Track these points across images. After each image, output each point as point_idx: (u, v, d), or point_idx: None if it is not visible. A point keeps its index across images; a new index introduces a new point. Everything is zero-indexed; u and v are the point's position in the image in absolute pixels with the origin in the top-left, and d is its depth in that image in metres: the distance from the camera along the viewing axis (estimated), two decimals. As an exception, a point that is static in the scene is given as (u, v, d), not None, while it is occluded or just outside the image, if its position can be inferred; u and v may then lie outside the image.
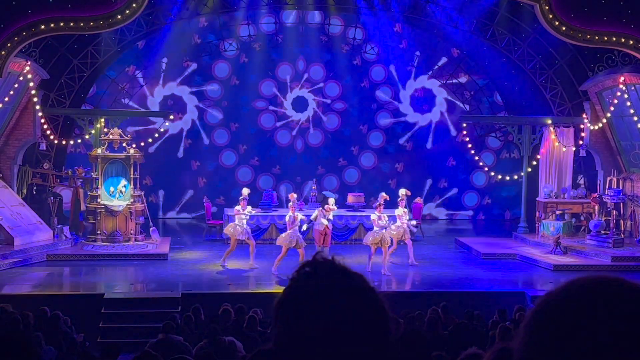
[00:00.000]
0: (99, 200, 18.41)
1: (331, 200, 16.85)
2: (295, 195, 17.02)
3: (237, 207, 16.74)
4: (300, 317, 1.56)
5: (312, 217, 16.50)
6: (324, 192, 20.57)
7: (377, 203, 16.62)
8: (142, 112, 23.02)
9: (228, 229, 16.75)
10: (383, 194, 17.01)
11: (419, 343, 5.23)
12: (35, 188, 19.79)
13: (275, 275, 15.56)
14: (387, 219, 16.43)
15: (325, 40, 23.92)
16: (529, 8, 18.70)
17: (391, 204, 17.31)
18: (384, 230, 16.22)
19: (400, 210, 16.90)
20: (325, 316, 1.54)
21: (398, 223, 16.80)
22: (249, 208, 16.71)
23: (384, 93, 24.45)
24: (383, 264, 16.06)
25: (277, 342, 1.59)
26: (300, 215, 16.25)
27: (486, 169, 22.97)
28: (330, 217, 16.63)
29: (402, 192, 17.21)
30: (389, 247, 16.42)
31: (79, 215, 19.74)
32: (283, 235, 16.10)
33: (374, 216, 16.50)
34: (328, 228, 16.55)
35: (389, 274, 15.94)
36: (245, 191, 17.14)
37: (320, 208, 16.78)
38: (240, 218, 16.50)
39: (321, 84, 24.40)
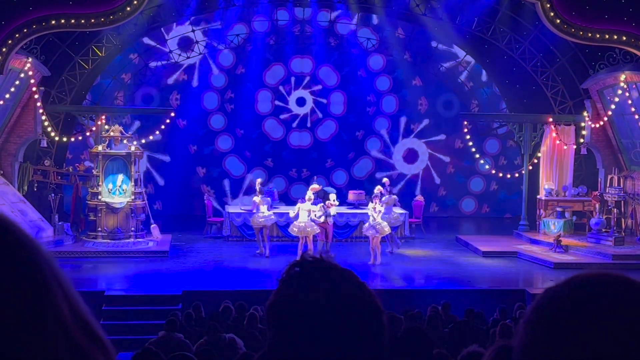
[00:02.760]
0: (100, 197, 18.42)
1: (332, 196, 17.33)
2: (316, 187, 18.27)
3: (257, 198, 17.68)
4: (292, 318, 1.54)
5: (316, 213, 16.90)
6: (324, 188, 20.68)
7: (374, 195, 17.29)
8: (144, 109, 23.03)
9: (256, 221, 17.54)
10: (379, 186, 18.04)
11: (420, 340, 5.23)
12: (36, 185, 19.79)
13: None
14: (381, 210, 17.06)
15: (326, 39, 23.94)
16: (530, 6, 18.68)
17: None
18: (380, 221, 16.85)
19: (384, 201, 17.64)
20: (317, 316, 1.52)
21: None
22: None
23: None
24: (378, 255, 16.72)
25: (272, 344, 1.57)
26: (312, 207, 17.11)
27: (487, 167, 22.95)
28: (333, 212, 16.97)
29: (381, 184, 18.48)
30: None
31: (80, 211, 19.75)
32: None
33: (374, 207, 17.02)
34: (327, 224, 16.83)
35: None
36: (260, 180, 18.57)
37: (322, 204, 17.04)
38: (264, 206, 17.54)
39: (320, 85, 24.51)
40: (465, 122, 22.31)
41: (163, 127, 21.36)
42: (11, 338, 1.03)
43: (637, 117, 18.86)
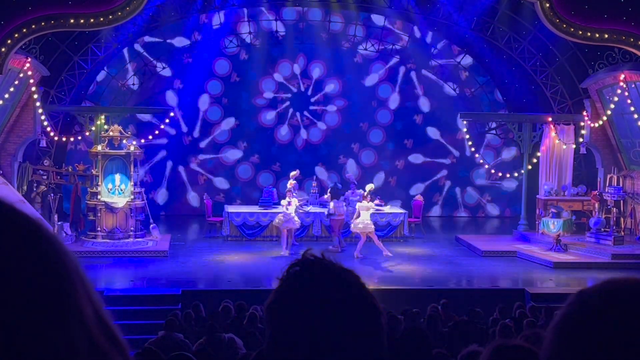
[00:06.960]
0: (99, 197, 18.42)
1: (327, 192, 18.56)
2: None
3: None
4: (290, 318, 1.53)
5: (331, 207, 18.23)
6: (337, 183, 20.80)
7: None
8: (143, 109, 23.02)
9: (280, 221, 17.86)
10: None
11: (419, 340, 5.23)
12: (35, 185, 19.78)
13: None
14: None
15: (326, 37, 23.92)
16: (529, 5, 18.69)
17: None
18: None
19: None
20: (315, 316, 1.51)
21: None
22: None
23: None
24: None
25: (270, 344, 1.57)
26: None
27: (486, 166, 22.95)
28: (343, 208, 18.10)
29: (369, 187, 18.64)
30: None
31: (79, 211, 19.74)
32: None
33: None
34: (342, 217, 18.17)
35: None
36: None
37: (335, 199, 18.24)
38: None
39: (322, 87, 24.50)
40: (465, 122, 22.29)
41: (162, 126, 21.36)
42: (33, 337, 1.02)
43: (636, 116, 18.86)
